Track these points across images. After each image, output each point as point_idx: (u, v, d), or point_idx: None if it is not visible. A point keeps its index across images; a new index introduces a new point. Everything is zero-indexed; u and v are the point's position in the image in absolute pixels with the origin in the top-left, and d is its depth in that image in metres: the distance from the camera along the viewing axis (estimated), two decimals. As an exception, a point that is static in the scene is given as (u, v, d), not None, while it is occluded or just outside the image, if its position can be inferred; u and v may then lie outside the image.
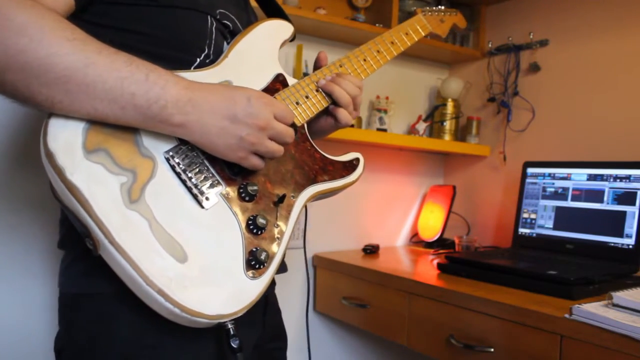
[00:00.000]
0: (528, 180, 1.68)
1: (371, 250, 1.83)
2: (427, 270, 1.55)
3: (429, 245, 1.94)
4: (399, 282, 1.42)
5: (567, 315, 1.02)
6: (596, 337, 0.97)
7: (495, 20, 2.00)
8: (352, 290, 1.60)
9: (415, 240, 2.07)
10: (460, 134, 2.03)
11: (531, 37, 1.84)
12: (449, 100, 1.97)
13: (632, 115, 1.59)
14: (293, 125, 0.79)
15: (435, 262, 1.54)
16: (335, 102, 0.91)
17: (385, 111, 1.87)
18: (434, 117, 2.02)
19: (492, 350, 1.16)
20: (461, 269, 1.40)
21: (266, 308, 0.92)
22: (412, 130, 1.99)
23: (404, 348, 1.52)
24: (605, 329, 0.96)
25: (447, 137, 1.97)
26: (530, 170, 1.68)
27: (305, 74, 1.70)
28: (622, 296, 1.01)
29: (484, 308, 1.18)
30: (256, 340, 0.89)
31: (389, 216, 2.03)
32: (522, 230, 1.66)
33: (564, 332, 1.03)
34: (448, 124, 1.97)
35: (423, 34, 1.07)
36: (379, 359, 1.97)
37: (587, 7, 1.71)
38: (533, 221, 1.64)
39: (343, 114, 0.93)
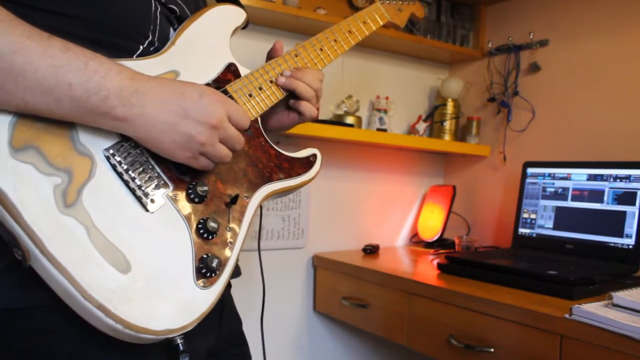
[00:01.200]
0: (528, 180, 1.68)
1: (371, 250, 1.83)
2: (427, 270, 1.55)
3: (429, 245, 1.94)
4: (399, 282, 1.42)
5: (567, 315, 1.02)
6: (596, 337, 0.97)
7: (495, 20, 2.00)
8: (352, 290, 1.60)
9: (415, 240, 2.07)
10: (460, 134, 2.03)
11: (531, 37, 1.84)
12: (449, 100, 1.97)
13: (632, 115, 1.59)
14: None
15: (435, 262, 1.54)
16: (296, 97, 0.86)
17: (385, 111, 1.87)
18: (434, 117, 2.02)
19: (492, 350, 1.16)
20: (461, 269, 1.40)
21: (222, 312, 0.85)
22: (412, 130, 1.99)
23: (404, 348, 1.52)
24: (605, 329, 0.96)
25: (447, 137, 1.97)
26: (530, 170, 1.68)
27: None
28: (622, 296, 1.01)
29: (484, 308, 1.18)
30: (213, 347, 0.82)
31: (389, 216, 2.03)
32: (522, 230, 1.66)
33: (564, 332, 1.03)
34: (448, 124, 1.97)
35: (381, 23, 1.03)
36: (379, 359, 1.97)
37: (587, 7, 1.71)
38: (533, 221, 1.64)
39: (307, 107, 0.87)
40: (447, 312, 1.27)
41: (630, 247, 1.41)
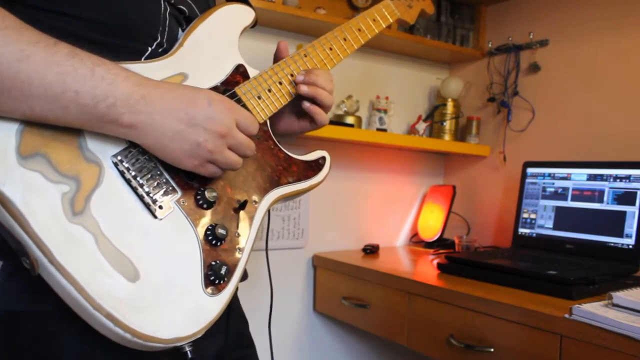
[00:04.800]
0: (528, 180, 1.68)
1: (371, 250, 1.83)
2: (427, 270, 1.55)
3: (429, 245, 1.94)
4: (399, 282, 1.42)
5: (567, 315, 1.02)
6: (596, 337, 0.97)
7: (495, 20, 2.00)
8: (352, 290, 1.60)
9: (415, 240, 2.07)
10: (460, 134, 2.03)
11: (531, 37, 1.84)
12: (449, 100, 1.97)
13: (632, 115, 1.59)
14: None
15: (435, 262, 1.54)
16: (310, 101, 0.84)
17: (385, 111, 1.87)
18: (434, 117, 2.02)
19: (492, 350, 1.16)
20: (461, 269, 1.40)
21: (229, 316, 0.85)
22: (412, 130, 1.99)
23: (404, 348, 1.52)
24: (605, 329, 0.96)
25: (447, 137, 1.97)
26: (530, 170, 1.68)
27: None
28: (622, 296, 1.01)
29: (484, 308, 1.18)
30: (220, 350, 0.82)
31: (389, 216, 2.03)
32: (522, 230, 1.66)
33: (564, 332, 1.03)
34: (448, 124, 1.97)
35: (391, 20, 1.01)
36: (379, 359, 1.97)
37: (587, 7, 1.71)
38: (533, 221, 1.64)
39: (322, 115, 0.86)
40: (447, 312, 1.27)
41: (630, 247, 1.41)
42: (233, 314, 0.87)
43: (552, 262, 1.39)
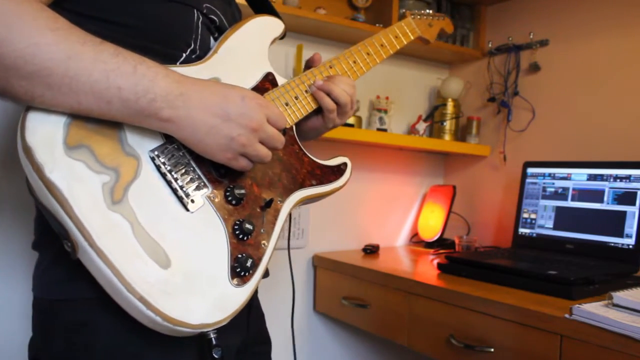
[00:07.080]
0: (528, 180, 1.68)
1: (371, 250, 1.83)
2: (427, 270, 1.55)
3: (429, 245, 1.94)
4: (399, 282, 1.42)
5: (567, 315, 1.02)
6: (596, 337, 0.97)
7: (495, 20, 2.00)
8: (352, 290, 1.60)
9: (416, 240, 2.07)
10: (460, 134, 2.03)
11: (531, 37, 1.84)
12: (449, 100, 1.97)
13: (632, 115, 1.59)
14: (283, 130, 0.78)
15: (435, 262, 1.54)
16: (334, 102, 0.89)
17: (385, 111, 1.87)
18: (434, 117, 2.02)
19: (492, 350, 1.16)
20: (461, 269, 1.40)
21: (250, 312, 0.89)
22: (412, 130, 1.99)
23: (404, 348, 1.52)
24: (605, 329, 0.96)
25: (447, 137, 1.97)
26: (530, 170, 1.68)
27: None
28: (622, 296, 1.01)
29: (484, 308, 1.18)
30: (240, 345, 0.86)
31: (389, 216, 2.03)
32: (522, 230, 1.66)
33: (564, 332, 1.03)
34: (448, 124, 1.97)
35: (412, 37, 1.07)
36: (379, 359, 1.97)
37: (587, 7, 1.71)
38: (533, 221, 1.64)
39: (327, 101, 0.89)
40: (447, 312, 1.27)
41: (630, 247, 1.41)
42: (253, 311, 0.91)
43: (552, 262, 1.39)
